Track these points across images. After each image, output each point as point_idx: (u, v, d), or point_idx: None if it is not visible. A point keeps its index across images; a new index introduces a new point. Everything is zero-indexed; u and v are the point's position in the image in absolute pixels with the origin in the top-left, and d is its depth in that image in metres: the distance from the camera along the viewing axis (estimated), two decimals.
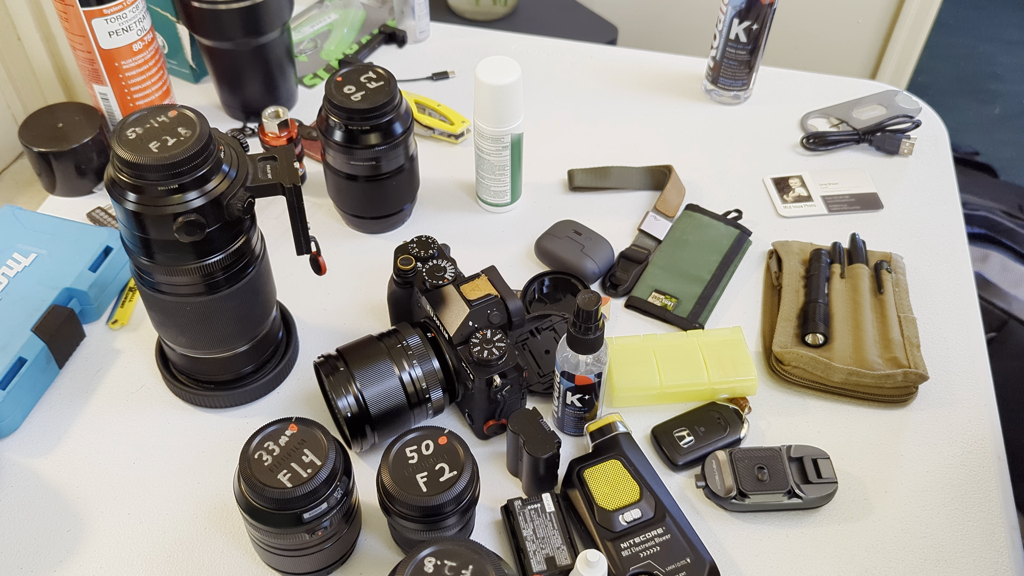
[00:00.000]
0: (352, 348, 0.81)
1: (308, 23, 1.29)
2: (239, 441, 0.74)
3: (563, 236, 0.99)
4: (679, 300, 0.95)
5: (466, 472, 0.70)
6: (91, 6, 0.95)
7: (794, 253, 0.98)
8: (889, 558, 0.77)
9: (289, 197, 0.75)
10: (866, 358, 0.87)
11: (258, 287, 0.80)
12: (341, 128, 0.93)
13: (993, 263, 1.35)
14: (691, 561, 0.73)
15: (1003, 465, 0.84)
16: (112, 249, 0.95)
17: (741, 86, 1.17)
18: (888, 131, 1.13)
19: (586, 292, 0.74)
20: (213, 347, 0.82)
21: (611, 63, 1.26)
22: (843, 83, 1.22)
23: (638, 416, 0.86)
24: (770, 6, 1.09)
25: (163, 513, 0.80)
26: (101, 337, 0.93)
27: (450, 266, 0.84)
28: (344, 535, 0.73)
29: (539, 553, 0.74)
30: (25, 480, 0.82)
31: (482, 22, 1.81)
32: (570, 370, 0.78)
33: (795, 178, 1.10)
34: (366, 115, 0.91)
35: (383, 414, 0.79)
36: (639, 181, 1.08)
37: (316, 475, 0.67)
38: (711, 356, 0.86)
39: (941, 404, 0.88)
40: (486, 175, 1.02)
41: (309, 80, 1.22)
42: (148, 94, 1.05)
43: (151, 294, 0.77)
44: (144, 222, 0.70)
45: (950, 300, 0.97)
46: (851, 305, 0.93)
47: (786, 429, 0.86)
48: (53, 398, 0.88)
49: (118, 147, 0.68)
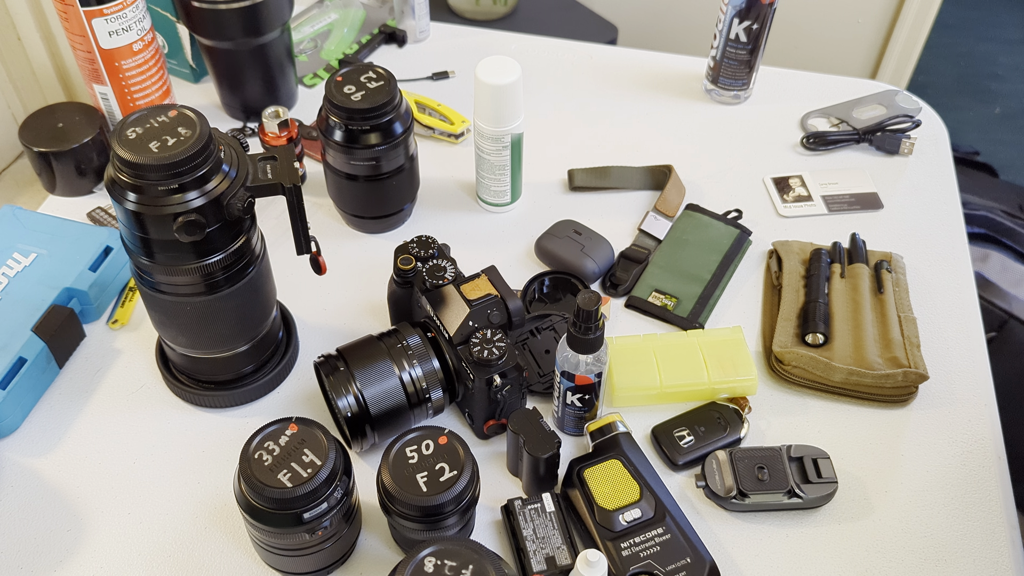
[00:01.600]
0: (352, 348, 0.81)
1: (308, 23, 1.29)
2: (239, 441, 0.74)
3: (563, 236, 0.99)
4: (679, 300, 0.95)
5: (466, 472, 0.70)
6: (91, 6, 0.95)
7: (794, 253, 0.98)
8: (889, 558, 0.77)
9: (289, 197, 0.75)
10: (866, 358, 0.87)
11: (258, 287, 0.80)
12: (341, 128, 0.93)
13: (993, 263, 1.35)
14: (691, 561, 0.73)
15: (1003, 465, 0.84)
16: (112, 249, 0.95)
17: (741, 86, 1.17)
18: (888, 131, 1.13)
19: (586, 292, 0.74)
20: (213, 347, 0.82)
21: (611, 63, 1.26)
22: (843, 83, 1.22)
23: (638, 416, 0.86)
24: (770, 6, 1.09)
25: (163, 513, 0.80)
26: (101, 337, 0.93)
27: (450, 266, 0.84)
28: (344, 535, 0.73)
29: (539, 553, 0.74)
30: (25, 480, 0.82)
31: (482, 22, 1.81)
32: (570, 370, 0.78)
33: (795, 178, 1.10)
34: (366, 115, 0.91)
35: (383, 414, 0.79)
36: (639, 181, 1.08)
37: (316, 475, 0.67)
38: (711, 356, 0.86)
39: (941, 404, 0.88)
40: (486, 175, 1.02)
41: (309, 80, 1.22)
42: (148, 94, 1.05)
43: (151, 294, 0.77)
44: (144, 222, 0.70)
45: (950, 300, 0.97)
46: (851, 305, 0.93)
47: (786, 429, 0.86)
48: (53, 398, 0.88)
49: (118, 147, 0.68)
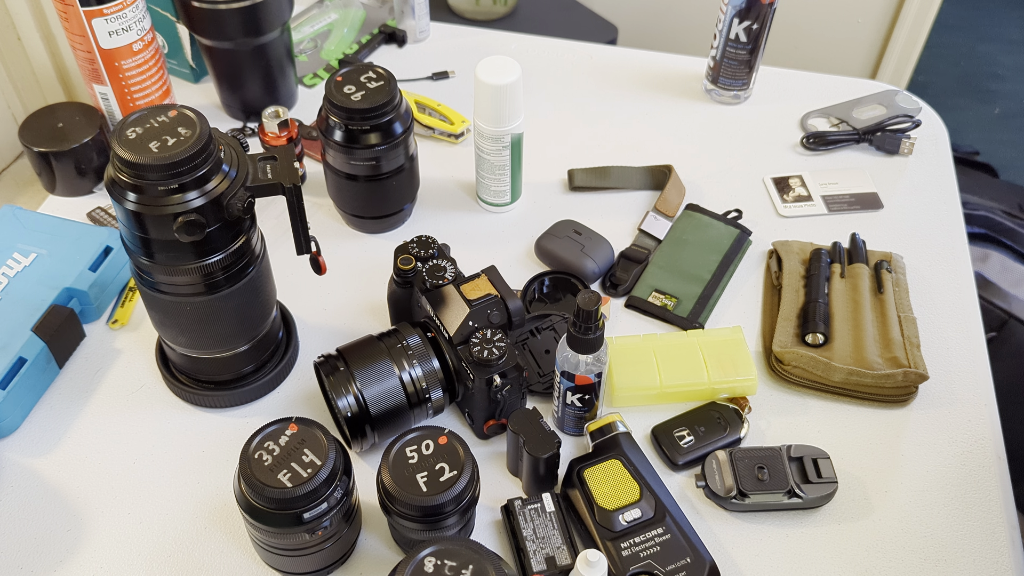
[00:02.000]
0: (352, 348, 0.81)
1: (308, 23, 1.29)
2: (239, 441, 0.74)
3: (563, 236, 0.99)
4: (679, 300, 0.95)
5: (466, 472, 0.70)
6: (91, 6, 0.95)
7: (794, 253, 0.98)
8: (889, 558, 0.77)
9: (289, 197, 0.75)
10: (866, 358, 0.87)
11: (258, 287, 0.80)
12: (341, 128, 0.93)
13: (993, 263, 1.35)
14: (691, 561, 0.73)
15: (1003, 465, 0.84)
16: (112, 249, 0.95)
17: (741, 86, 1.17)
18: (888, 131, 1.13)
19: (586, 292, 0.74)
20: (213, 347, 0.82)
21: (611, 63, 1.26)
22: (843, 83, 1.22)
23: (638, 416, 0.86)
24: (770, 6, 1.09)
25: (163, 513, 0.80)
26: (101, 337, 0.93)
27: (450, 266, 0.84)
28: (344, 535, 0.73)
29: (539, 553, 0.74)
30: (25, 480, 0.82)
31: (482, 22, 1.81)
32: (570, 370, 0.78)
33: (795, 178, 1.10)
34: (366, 115, 0.91)
35: (383, 414, 0.79)
36: (639, 181, 1.08)
37: (316, 475, 0.67)
38: (711, 356, 0.86)
39: (941, 404, 0.88)
40: (486, 175, 1.02)
41: (309, 80, 1.22)
42: (148, 94, 1.05)
43: (151, 294, 0.77)
44: (144, 222, 0.70)
45: (950, 300, 0.97)
46: (851, 305, 0.93)
47: (786, 429, 0.86)
48: (53, 398, 0.88)
49: (118, 147, 0.68)
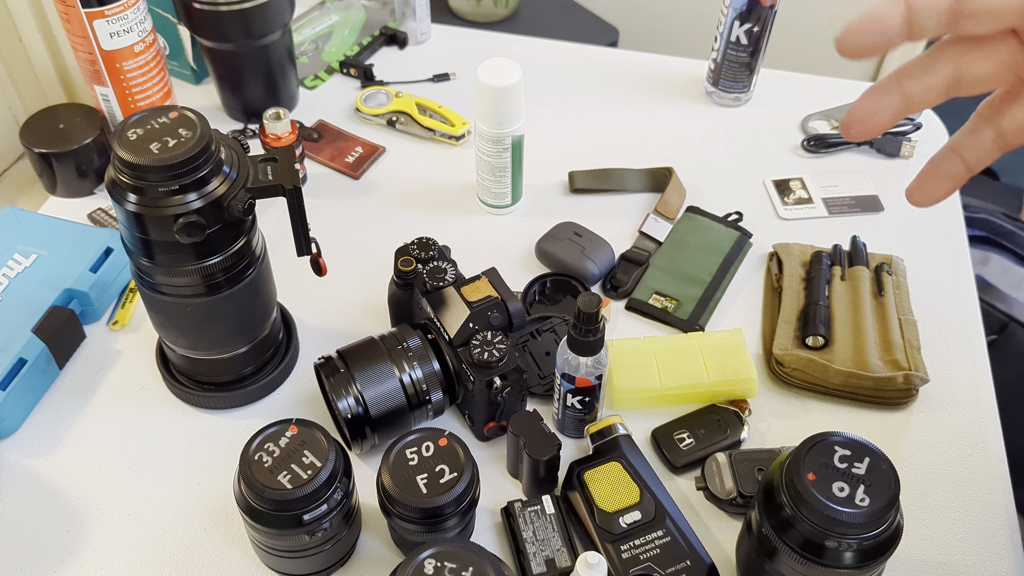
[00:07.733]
0: (352, 349, 0.81)
1: (309, 25, 1.29)
2: (239, 442, 0.74)
3: (564, 238, 0.99)
4: (679, 302, 0.95)
5: (466, 474, 0.70)
6: (92, 7, 0.95)
7: (794, 255, 0.98)
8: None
9: (290, 199, 0.75)
10: (866, 360, 0.87)
11: (258, 288, 0.80)
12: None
13: (994, 266, 1.35)
14: (691, 563, 0.73)
15: (1004, 468, 0.84)
16: (113, 250, 0.95)
17: (742, 88, 1.17)
18: (889, 133, 1.13)
19: (587, 294, 0.74)
20: (213, 348, 0.82)
21: (612, 65, 1.26)
22: (844, 85, 1.22)
23: (638, 418, 0.86)
24: (771, 8, 1.09)
25: (163, 514, 0.80)
26: (102, 338, 0.93)
27: (451, 268, 0.84)
28: (344, 536, 0.73)
29: (539, 555, 0.74)
30: (25, 480, 0.82)
31: (483, 24, 1.81)
32: (570, 372, 0.78)
33: (796, 180, 1.10)
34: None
35: (383, 415, 0.79)
36: (640, 183, 1.08)
37: (316, 476, 0.67)
38: (711, 358, 0.86)
39: (941, 407, 0.88)
40: (487, 177, 1.02)
41: (310, 82, 1.22)
42: (149, 95, 1.05)
43: (151, 295, 0.77)
44: (144, 223, 0.70)
45: (951, 303, 0.97)
46: (851, 307, 0.93)
47: (786, 431, 0.86)
48: (53, 399, 0.88)
49: (119, 148, 0.68)
